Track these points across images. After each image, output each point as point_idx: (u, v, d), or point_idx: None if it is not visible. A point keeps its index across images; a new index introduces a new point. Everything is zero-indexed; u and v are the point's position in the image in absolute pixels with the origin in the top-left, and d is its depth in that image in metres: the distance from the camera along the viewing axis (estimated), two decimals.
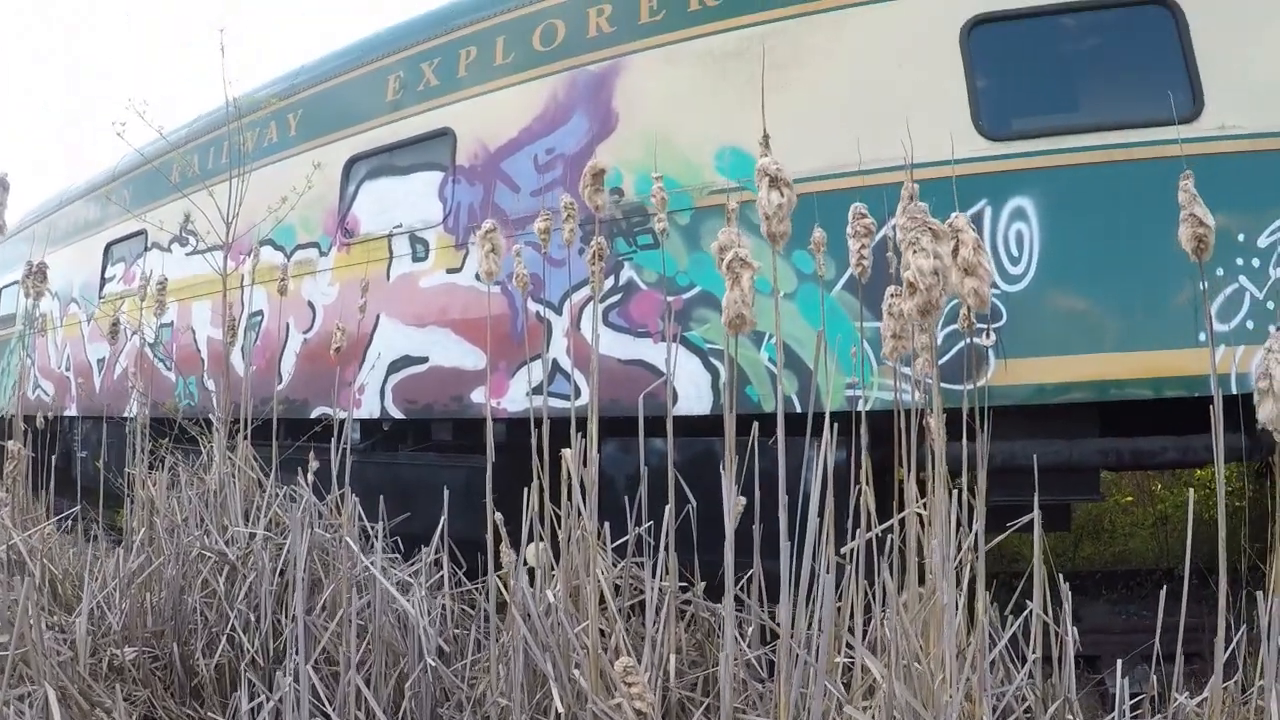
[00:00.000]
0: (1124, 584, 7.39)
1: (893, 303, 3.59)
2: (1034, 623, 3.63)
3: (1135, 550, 8.64)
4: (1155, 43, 5.45)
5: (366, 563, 4.88)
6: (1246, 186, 5.22)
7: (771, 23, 5.88)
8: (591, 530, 4.16)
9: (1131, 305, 5.25)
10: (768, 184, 3.30)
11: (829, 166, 5.56)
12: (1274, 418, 3.07)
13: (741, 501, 4.08)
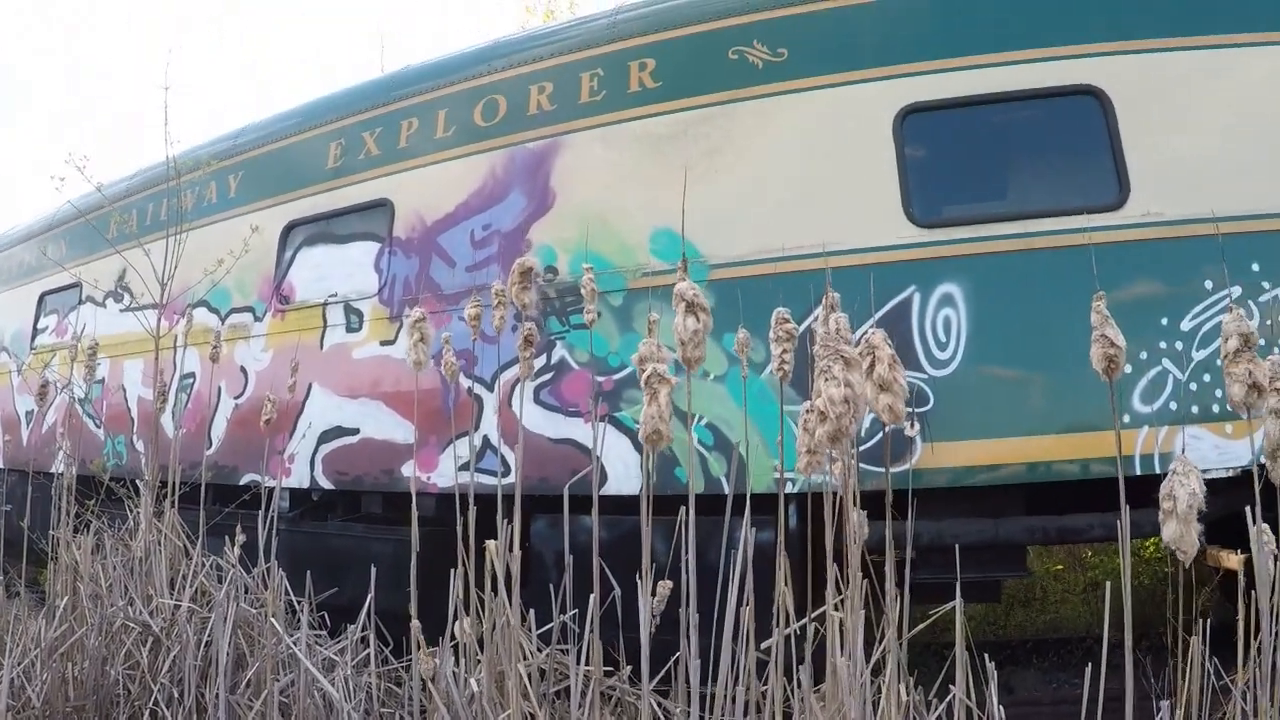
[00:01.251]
0: (1055, 652, 7.44)
1: (808, 418, 3.63)
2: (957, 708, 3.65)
3: (1066, 617, 8.72)
4: (1084, 131, 5.61)
5: (289, 643, 4.82)
6: (1170, 272, 5.37)
7: (707, 107, 5.98)
8: (515, 620, 4.15)
9: (1057, 388, 5.35)
10: (684, 309, 3.35)
11: (762, 251, 5.64)
12: (1177, 538, 3.12)
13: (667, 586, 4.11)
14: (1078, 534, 5.73)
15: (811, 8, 5.95)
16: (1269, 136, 5.58)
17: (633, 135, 6.11)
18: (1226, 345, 3.61)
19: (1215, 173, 5.52)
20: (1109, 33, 5.64)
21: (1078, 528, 5.64)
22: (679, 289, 3.39)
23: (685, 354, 3.29)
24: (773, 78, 5.89)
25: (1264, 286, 5.40)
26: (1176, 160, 5.49)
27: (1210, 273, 5.36)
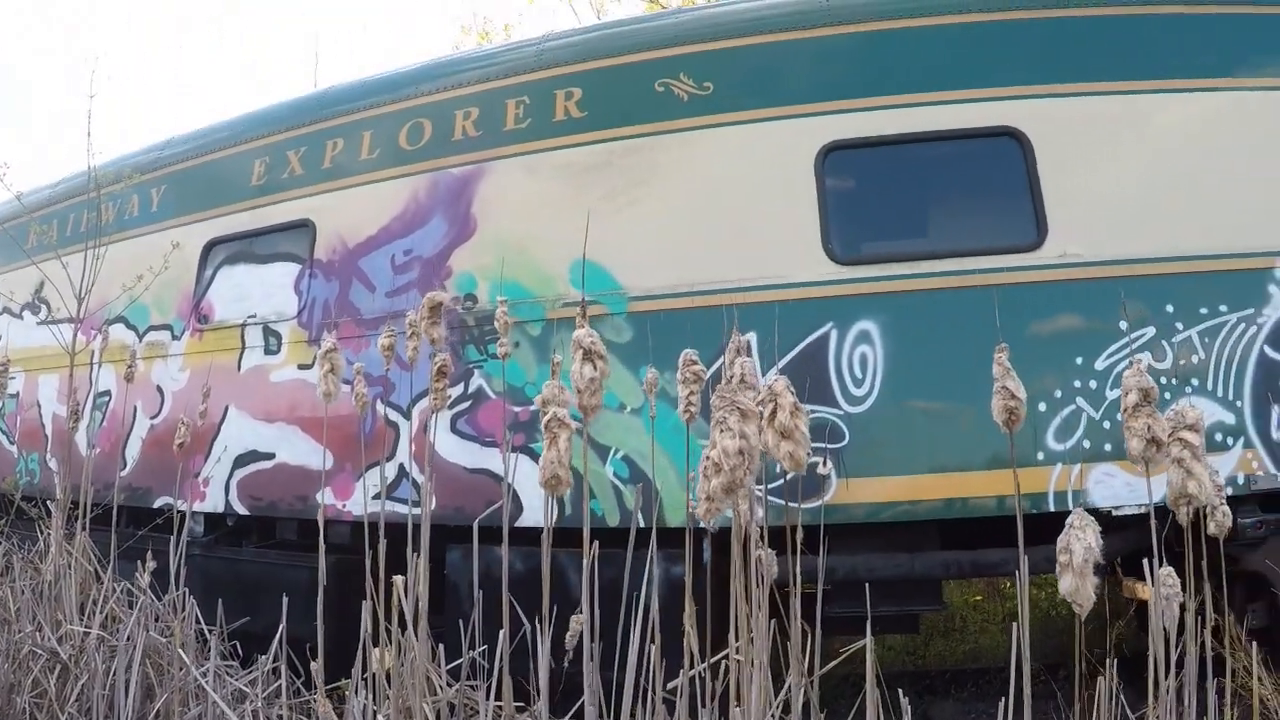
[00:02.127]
0: (973, 682, 7.49)
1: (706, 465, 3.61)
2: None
3: (985, 647, 8.80)
4: (1004, 172, 5.69)
5: (198, 675, 4.72)
6: (1086, 312, 5.46)
7: (631, 138, 5.97)
8: (424, 654, 4.09)
9: (973, 425, 5.39)
10: (581, 356, 3.33)
11: (682, 284, 5.64)
12: (1073, 591, 3.15)
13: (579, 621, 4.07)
14: (993, 568, 5.79)
15: (737, 42, 5.99)
16: (1185, 181, 5.71)
17: (556, 165, 6.09)
18: (1126, 400, 3.66)
19: (1132, 215, 5.63)
20: (1030, 76, 5.75)
21: (992, 562, 5.70)
22: (577, 336, 3.36)
23: (582, 402, 3.26)
24: (698, 111, 5.91)
25: (1178, 327, 5.51)
26: (1094, 203, 5.59)
27: (1125, 313, 5.45)
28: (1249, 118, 5.88)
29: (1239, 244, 5.64)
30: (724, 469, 2.97)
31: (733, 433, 3.00)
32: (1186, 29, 5.98)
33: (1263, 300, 5.62)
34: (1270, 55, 6.01)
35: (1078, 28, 5.92)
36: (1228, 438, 5.52)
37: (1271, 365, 5.61)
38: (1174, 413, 3.74)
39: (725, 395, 3.11)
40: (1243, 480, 5.53)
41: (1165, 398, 5.47)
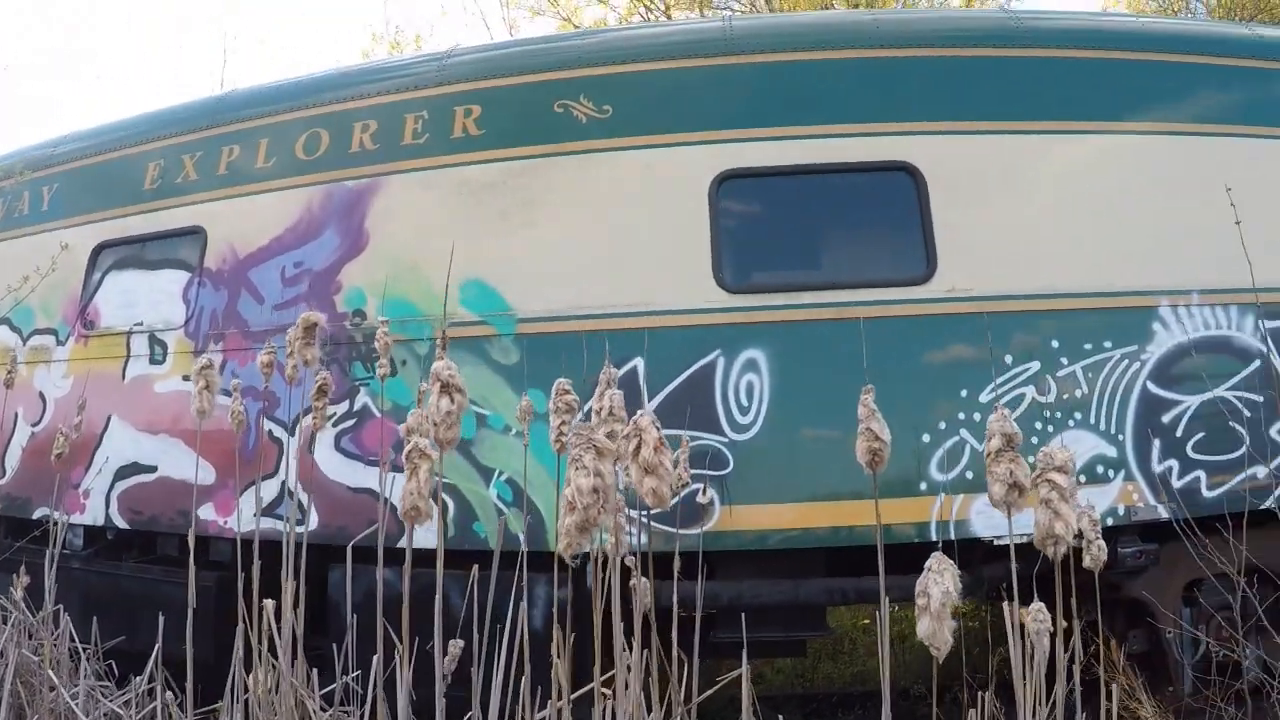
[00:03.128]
0: (860, 705, 7.56)
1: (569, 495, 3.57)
2: None
3: (873, 670, 8.87)
4: (897, 206, 5.75)
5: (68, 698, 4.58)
6: (973, 346, 5.53)
7: (529, 159, 5.93)
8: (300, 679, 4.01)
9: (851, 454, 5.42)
10: (439, 389, 3.26)
11: (573, 307, 5.60)
12: (930, 635, 3.14)
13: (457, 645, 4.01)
14: (876, 595, 5.81)
15: (639, 67, 5.98)
16: (1073, 220, 5.82)
17: (452, 182, 6.01)
18: (990, 444, 3.68)
19: (1021, 252, 5.72)
20: (927, 112, 5.81)
21: (875, 589, 5.73)
22: (435, 369, 3.28)
23: (438, 435, 3.19)
24: (596, 134, 5.89)
25: (1062, 362, 5.60)
26: (984, 239, 5.67)
27: (1011, 347, 5.53)
28: (1135, 160, 6.02)
29: (1124, 283, 5.77)
30: (578, 508, 2.93)
31: (587, 471, 2.96)
32: (1077, 73, 6.12)
33: (1146, 337, 5.75)
34: (1156, 99, 6.17)
35: (973, 68, 6.02)
36: (1109, 470, 5.63)
37: (1154, 400, 5.73)
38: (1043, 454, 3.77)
39: (581, 432, 3.07)
40: (1123, 511, 5.64)
41: (1049, 431, 5.55)
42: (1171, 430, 5.76)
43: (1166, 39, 6.58)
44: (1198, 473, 5.78)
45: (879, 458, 3.56)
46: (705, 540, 5.35)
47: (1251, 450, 5.74)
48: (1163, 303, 5.79)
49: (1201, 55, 6.45)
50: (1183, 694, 6.03)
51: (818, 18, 8.49)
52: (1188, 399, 5.80)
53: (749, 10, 17.58)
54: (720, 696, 4.55)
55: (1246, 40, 6.77)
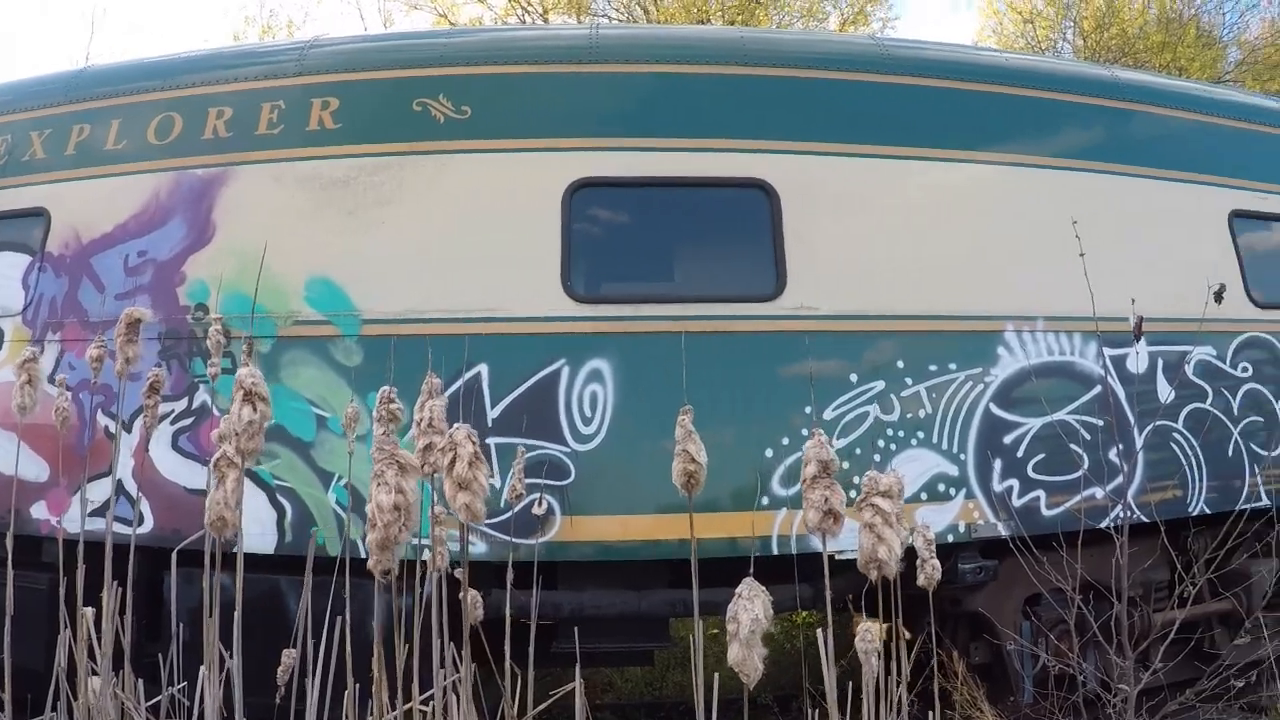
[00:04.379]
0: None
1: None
2: None
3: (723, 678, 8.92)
4: (750, 223, 5.75)
5: None
6: (817, 363, 5.57)
7: (384, 156, 5.80)
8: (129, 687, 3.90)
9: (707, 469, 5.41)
10: (241, 398, 3.16)
11: (420, 310, 5.50)
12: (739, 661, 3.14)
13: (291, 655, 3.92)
14: (718, 608, 5.82)
15: (501, 69, 5.90)
16: (923, 244, 5.89)
17: (304, 176, 5.84)
18: (806, 470, 3.68)
19: (870, 273, 5.78)
20: (784, 132, 5.84)
21: (718, 602, 5.71)
22: (239, 376, 3.19)
23: (239, 445, 3.10)
24: (453, 134, 5.79)
25: (907, 382, 5.67)
26: (835, 259, 5.71)
27: (855, 366, 5.57)
28: (990, 189, 6.12)
29: (971, 306, 5.86)
30: (378, 525, 2.87)
31: (389, 487, 2.90)
32: (939, 102, 6.20)
33: (991, 360, 5.85)
34: (1014, 132, 6.29)
35: (837, 91, 6.06)
36: (951, 489, 5.72)
37: (996, 422, 5.84)
38: (869, 478, 3.79)
39: (384, 448, 3.01)
40: (964, 528, 5.74)
41: (891, 449, 5.62)
42: (1013, 451, 5.88)
43: (1027, 75, 6.73)
44: (1038, 492, 5.91)
45: (694, 480, 3.55)
46: (546, 551, 5.31)
47: (1088, 474, 5.88)
48: (1008, 327, 5.91)
49: (1061, 93, 6.61)
50: (1021, 705, 6.18)
51: (685, 31, 8.50)
52: (1029, 421, 5.93)
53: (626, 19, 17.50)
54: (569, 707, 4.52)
55: (1105, 81, 6.95)
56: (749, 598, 3.19)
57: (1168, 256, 6.62)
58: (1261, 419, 6.82)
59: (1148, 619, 6.45)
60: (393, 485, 2.92)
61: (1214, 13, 22.29)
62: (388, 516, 2.87)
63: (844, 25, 16.01)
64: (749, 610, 3.26)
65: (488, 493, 3.14)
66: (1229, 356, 6.72)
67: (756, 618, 3.25)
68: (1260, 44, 21.69)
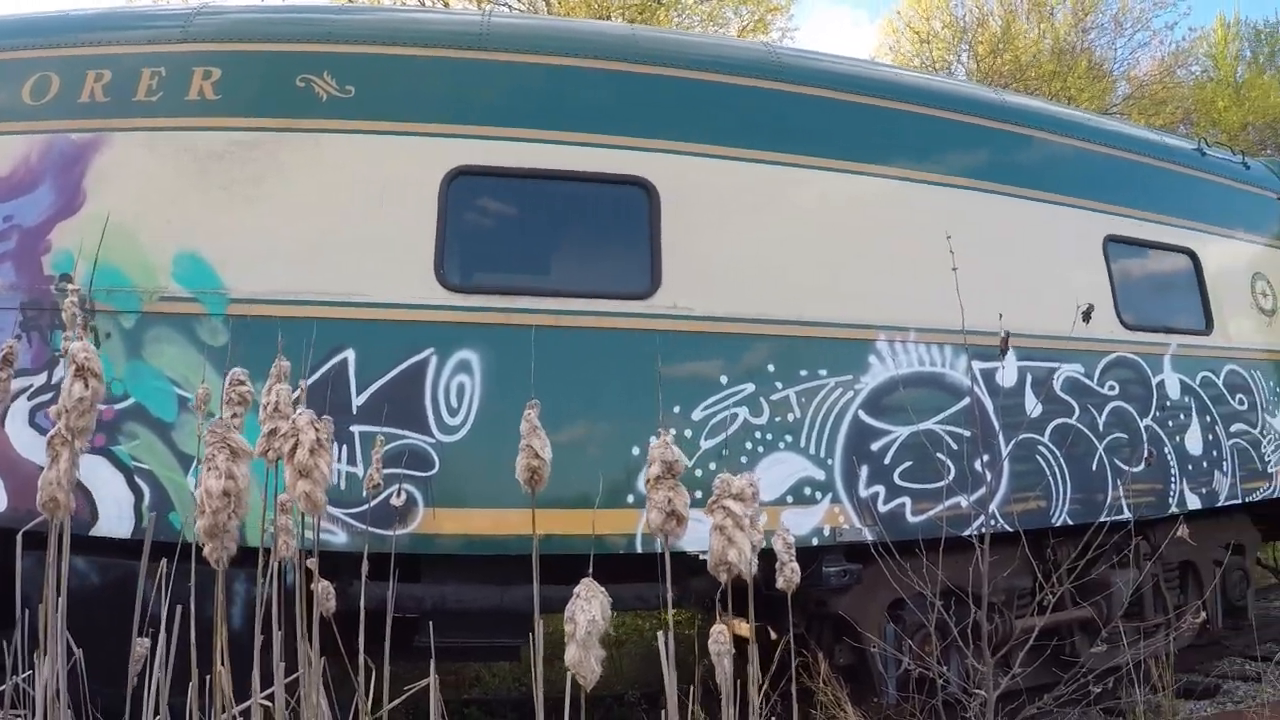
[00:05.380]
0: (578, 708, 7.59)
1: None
2: None
3: None
4: (628, 220, 5.75)
5: None
6: (689, 363, 5.58)
7: (263, 131, 5.68)
8: None
9: (571, 464, 5.40)
10: (73, 373, 3.06)
11: (290, 290, 5.40)
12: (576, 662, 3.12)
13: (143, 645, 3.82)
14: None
15: (388, 50, 5.81)
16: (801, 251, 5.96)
17: (180, 146, 5.69)
18: (650, 470, 3.68)
19: (746, 277, 5.82)
20: (670, 132, 5.84)
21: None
22: (71, 350, 3.07)
23: (69, 423, 3.00)
24: (335, 113, 5.68)
25: (777, 386, 5.71)
26: (712, 261, 5.74)
27: (726, 368, 5.61)
28: (870, 202, 6.21)
29: (844, 315, 5.94)
30: (206, 511, 2.81)
31: (219, 472, 2.83)
32: (826, 112, 6.27)
33: (862, 368, 5.93)
34: (898, 146, 6.38)
35: (725, 94, 6.08)
36: (817, 492, 5.79)
37: (864, 428, 5.93)
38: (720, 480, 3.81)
39: (217, 431, 2.94)
40: (829, 532, 5.82)
41: (759, 451, 5.67)
42: (880, 458, 5.98)
43: (916, 92, 6.84)
44: (903, 499, 6.03)
45: (538, 476, 3.52)
46: (409, 543, 5.26)
47: (953, 483, 6.01)
48: (880, 337, 6.00)
49: (948, 112, 6.73)
50: (883, 707, 6.29)
51: (577, 25, 8.43)
52: (897, 429, 6.03)
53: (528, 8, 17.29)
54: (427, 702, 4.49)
55: (993, 104, 7.09)
56: (586, 598, 3.18)
57: (1043, 276, 6.80)
58: (1126, 436, 7.04)
59: (1009, 625, 6.62)
60: (223, 470, 2.85)
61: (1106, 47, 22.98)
62: (216, 503, 2.81)
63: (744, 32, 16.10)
64: (586, 611, 3.25)
65: (330, 481, 3.09)
66: (1097, 375, 6.92)
67: (593, 619, 3.24)
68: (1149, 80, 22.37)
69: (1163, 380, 7.40)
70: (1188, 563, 8.15)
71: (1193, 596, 8.06)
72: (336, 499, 5.16)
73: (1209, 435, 7.68)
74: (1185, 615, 7.73)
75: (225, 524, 2.89)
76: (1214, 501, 7.68)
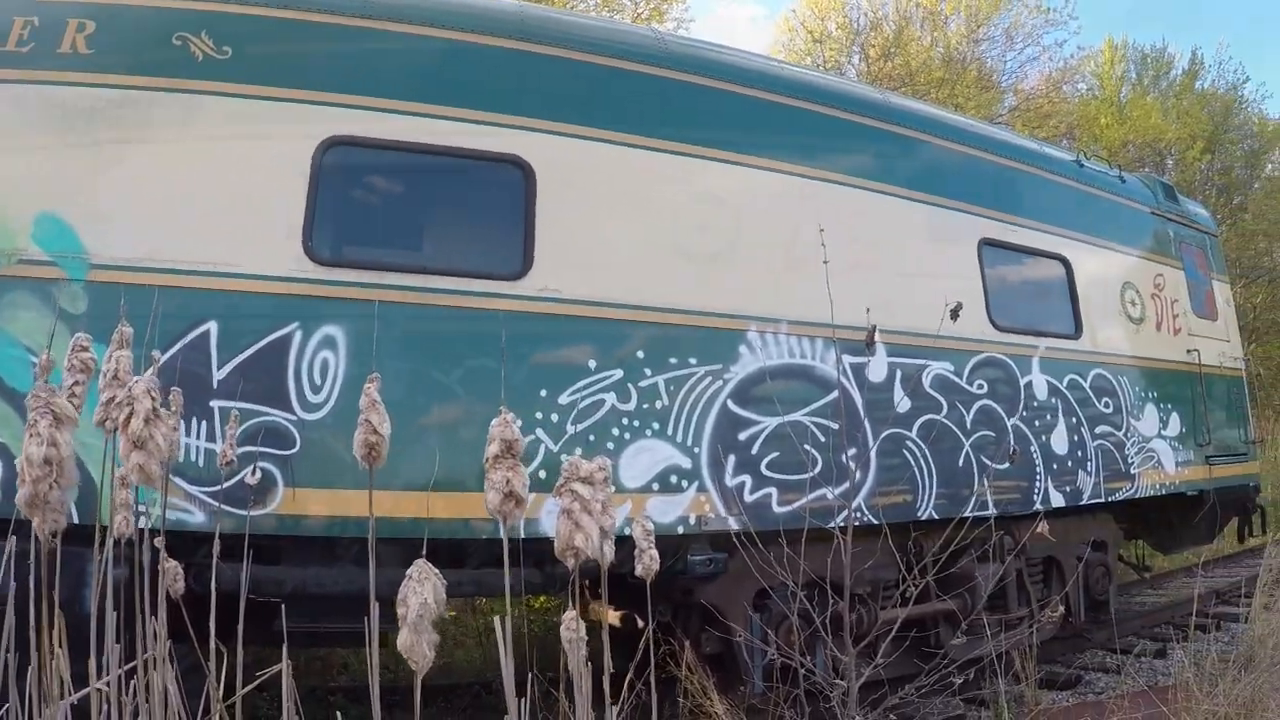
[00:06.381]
0: (444, 697, 7.59)
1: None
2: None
3: (461, 661, 8.99)
4: (504, 199, 5.71)
5: None
6: (558, 348, 5.59)
7: (134, 89, 5.49)
8: None
9: (439, 446, 5.36)
10: None
11: (154, 258, 5.25)
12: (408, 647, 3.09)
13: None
14: (454, 589, 5.81)
15: (268, 12, 5.64)
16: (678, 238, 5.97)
17: (47, 101, 5.46)
18: (489, 449, 3.67)
19: (619, 263, 5.83)
20: (551, 113, 5.81)
21: (452, 583, 5.71)
22: None
23: None
24: (210, 74, 5.52)
25: (646, 372, 5.74)
26: (585, 245, 5.74)
27: (595, 353, 5.62)
28: (748, 192, 6.26)
29: (717, 305, 5.98)
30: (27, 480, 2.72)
31: (41, 439, 2.75)
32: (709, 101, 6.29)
33: (732, 358, 5.99)
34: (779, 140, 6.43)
35: (606, 76, 6.07)
36: (683, 480, 5.84)
37: (732, 418, 5.99)
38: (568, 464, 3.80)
39: (40, 395, 2.85)
40: (694, 521, 5.86)
41: (626, 438, 5.70)
42: (747, 448, 6.05)
43: (800, 87, 6.92)
44: (770, 489, 6.10)
45: (376, 452, 3.47)
46: (267, 523, 5.15)
47: (819, 475, 6.11)
48: (751, 328, 6.06)
49: (834, 109, 6.80)
50: (747, 695, 6.37)
51: None
52: (766, 420, 6.11)
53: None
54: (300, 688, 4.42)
55: (878, 104, 7.20)
56: (419, 580, 3.17)
57: (916, 276, 6.92)
58: (993, 433, 7.23)
59: (874, 616, 6.77)
60: (45, 437, 2.77)
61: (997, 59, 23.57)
62: (37, 471, 2.73)
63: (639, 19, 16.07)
64: (418, 594, 3.23)
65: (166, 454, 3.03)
66: (966, 373, 7.09)
67: (425, 601, 3.23)
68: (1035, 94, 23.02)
69: (1031, 381, 7.62)
70: (1051, 558, 8.43)
71: (1056, 591, 8.33)
72: (195, 477, 5.05)
73: (1074, 436, 7.93)
74: (1047, 608, 8.01)
75: (46, 494, 2.82)
76: (1078, 499, 7.94)
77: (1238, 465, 10.21)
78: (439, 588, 3.25)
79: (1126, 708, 6.09)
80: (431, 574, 3.28)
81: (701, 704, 5.85)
